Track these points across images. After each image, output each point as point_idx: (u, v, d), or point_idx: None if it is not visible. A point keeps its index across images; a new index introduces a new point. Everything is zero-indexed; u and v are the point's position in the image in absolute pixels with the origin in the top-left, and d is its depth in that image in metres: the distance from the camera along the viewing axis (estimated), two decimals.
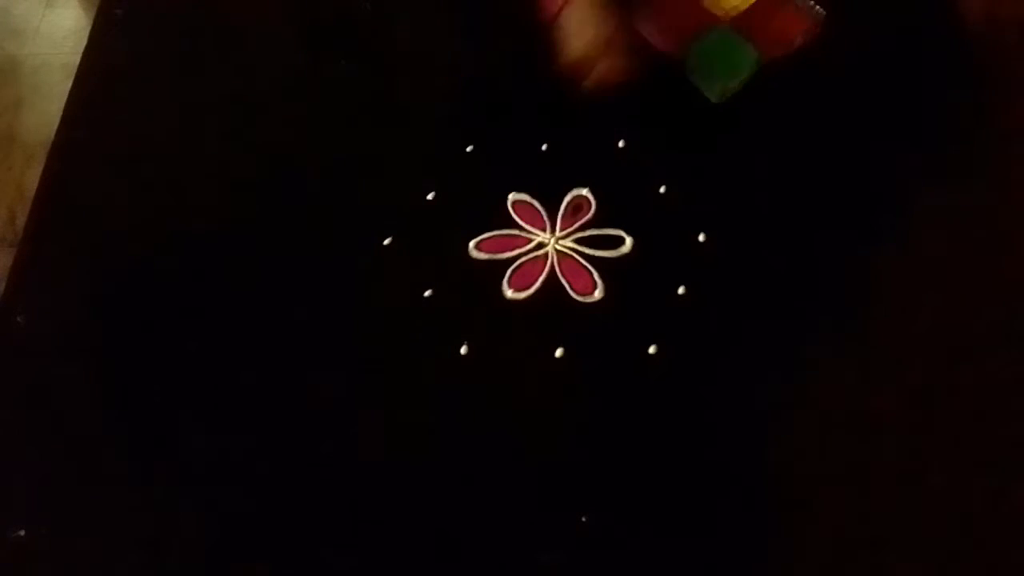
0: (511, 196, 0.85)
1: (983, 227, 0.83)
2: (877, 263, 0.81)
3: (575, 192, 0.84)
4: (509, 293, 0.80)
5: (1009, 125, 0.88)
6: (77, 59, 0.98)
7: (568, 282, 0.80)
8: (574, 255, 0.82)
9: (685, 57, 0.87)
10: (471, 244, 0.83)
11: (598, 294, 0.80)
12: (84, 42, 0.99)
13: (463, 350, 0.77)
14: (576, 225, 0.83)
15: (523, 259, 0.82)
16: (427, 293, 0.80)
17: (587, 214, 0.83)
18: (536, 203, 0.84)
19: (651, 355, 0.76)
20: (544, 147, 0.82)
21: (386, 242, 0.83)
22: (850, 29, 0.90)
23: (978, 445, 0.72)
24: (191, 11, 1.01)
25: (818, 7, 0.89)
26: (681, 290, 0.79)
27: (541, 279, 0.81)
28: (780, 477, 0.71)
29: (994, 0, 0.97)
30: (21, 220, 1.06)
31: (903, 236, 0.82)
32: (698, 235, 0.82)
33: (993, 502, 0.70)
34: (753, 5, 0.88)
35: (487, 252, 0.82)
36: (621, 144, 0.86)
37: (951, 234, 0.82)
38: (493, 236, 0.83)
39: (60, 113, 0.94)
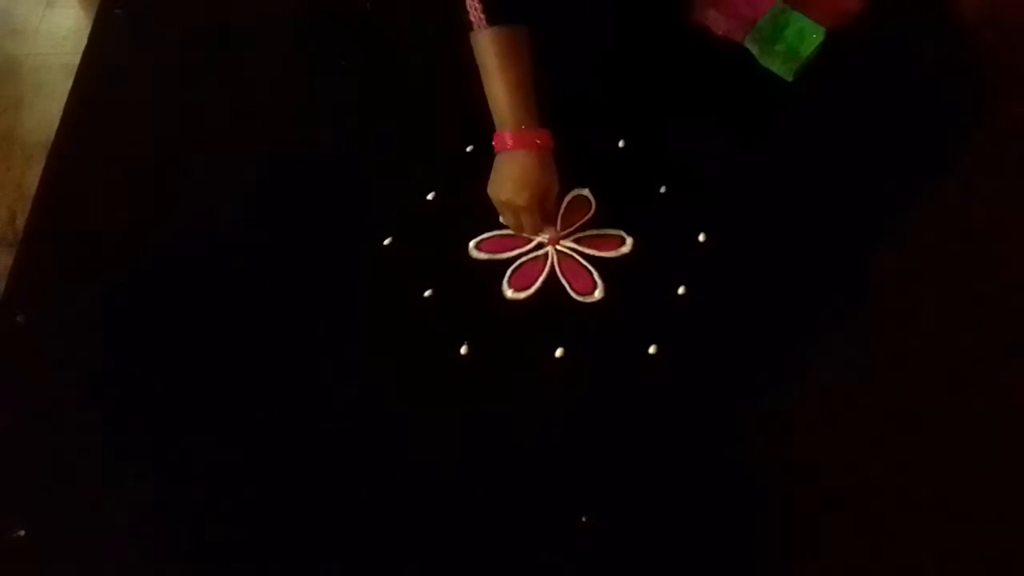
0: None
1: (984, 227, 0.83)
2: (877, 263, 0.81)
3: (575, 192, 0.85)
4: (509, 293, 0.80)
5: (1010, 125, 0.88)
6: (77, 59, 0.98)
7: (568, 282, 0.80)
8: (574, 255, 0.82)
9: (748, 44, 0.88)
10: (471, 244, 0.83)
11: (598, 294, 0.80)
12: (84, 42, 1.00)
13: (463, 350, 0.77)
14: (576, 225, 0.83)
15: (523, 259, 0.82)
16: (427, 293, 0.80)
17: (587, 214, 0.84)
18: None
19: (651, 355, 0.76)
20: None
21: (386, 242, 0.83)
22: (846, 30, 0.90)
23: (981, 445, 0.72)
24: (191, 11, 1.01)
25: None
26: (681, 290, 0.79)
27: (541, 279, 0.81)
28: (780, 477, 0.71)
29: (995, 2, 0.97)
30: (21, 220, 1.06)
31: (903, 236, 0.82)
32: (698, 235, 0.82)
33: (996, 501, 0.70)
34: None
35: (487, 252, 0.82)
36: (621, 144, 0.86)
37: (952, 234, 0.82)
38: (493, 236, 0.83)
39: (60, 113, 0.94)
